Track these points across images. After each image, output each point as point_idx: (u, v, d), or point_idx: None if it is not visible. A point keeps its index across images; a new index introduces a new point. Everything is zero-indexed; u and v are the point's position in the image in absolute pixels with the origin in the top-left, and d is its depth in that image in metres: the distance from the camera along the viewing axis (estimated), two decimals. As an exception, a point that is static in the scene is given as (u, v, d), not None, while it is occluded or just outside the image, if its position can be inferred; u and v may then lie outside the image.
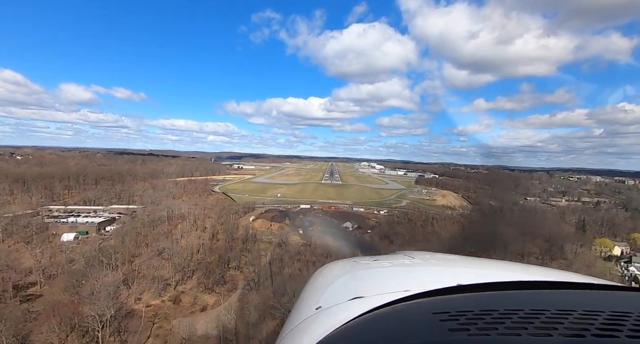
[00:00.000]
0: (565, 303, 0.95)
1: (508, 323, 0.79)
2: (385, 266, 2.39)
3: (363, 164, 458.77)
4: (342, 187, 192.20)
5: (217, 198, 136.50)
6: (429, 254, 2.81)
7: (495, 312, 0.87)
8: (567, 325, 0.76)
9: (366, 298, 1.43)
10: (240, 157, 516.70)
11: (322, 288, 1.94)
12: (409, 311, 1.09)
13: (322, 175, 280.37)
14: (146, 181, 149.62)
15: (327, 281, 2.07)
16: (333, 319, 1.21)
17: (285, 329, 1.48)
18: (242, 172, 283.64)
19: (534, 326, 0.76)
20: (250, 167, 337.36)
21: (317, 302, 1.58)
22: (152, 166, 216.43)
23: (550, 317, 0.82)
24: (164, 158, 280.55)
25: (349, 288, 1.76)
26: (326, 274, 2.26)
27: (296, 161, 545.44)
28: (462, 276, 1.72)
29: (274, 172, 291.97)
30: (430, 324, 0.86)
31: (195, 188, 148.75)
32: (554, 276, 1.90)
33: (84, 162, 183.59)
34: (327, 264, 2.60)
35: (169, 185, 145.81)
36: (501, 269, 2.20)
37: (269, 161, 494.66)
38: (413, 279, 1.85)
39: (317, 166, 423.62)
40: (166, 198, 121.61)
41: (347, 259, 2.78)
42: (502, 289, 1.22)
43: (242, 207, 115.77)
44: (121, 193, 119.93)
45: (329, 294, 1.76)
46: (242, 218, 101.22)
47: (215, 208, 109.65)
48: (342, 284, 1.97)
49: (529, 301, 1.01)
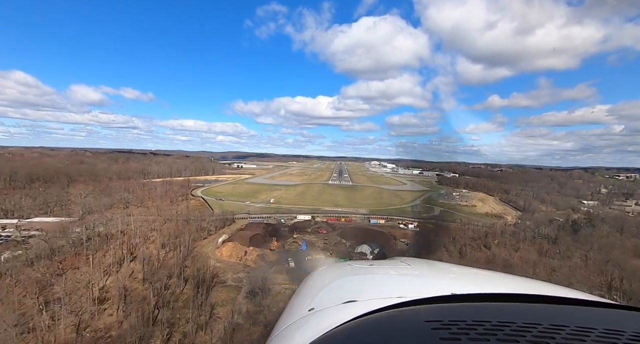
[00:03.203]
0: (558, 318, 0.93)
1: (500, 335, 0.77)
2: (380, 271, 2.36)
3: (374, 163, 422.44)
4: (353, 189, 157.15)
5: (192, 205, 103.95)
6: (426, 262, 2.80)
7: (488, 323, 0.85)
8: (559, 341, 0.74)
9: (359, 302, 1.40)
10: (245, 157, 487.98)
11: (316, 290, 1.91)
12: (401, 317, 1.07)
13: (330, 175, 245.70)
14: (112, 182, 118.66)
15: (321, 283, 2.06)
16: (325, 322, 1.19)
17: (277, 330, 1.45)
18: (241, 171, 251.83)
19: (526, 340, 0.75)
20: (252, 167, 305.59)
21: (310, 304, 1.55)
22: (134, 164, 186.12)
23: (543, 331, 0.80)
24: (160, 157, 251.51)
25: (342, 291, 1.73)
26: (320, 277, 2.23)
27: (303, 160, 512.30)
28: (456, 286, 1.68)
29: (276, 172, 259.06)
30: (422, 332, 0.85)
31: (170, 191, 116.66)
32: (548, 290, 1.85)
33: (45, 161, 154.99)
34: (322, 266, 2.52)
35: (137, 187, 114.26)
36: (496, 280, 2.18)
37: (275, 160, 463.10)
38: (407, 286, 1.81)
39: (324, 165, 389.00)
40: (116, 206, 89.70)
41: (342, 262, 2.75)
42: (496, 300, 1.19)
43: (217, 218, 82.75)
44: (60, 199, 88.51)
45: (323, 296, 1.73)
46: (208, 239, 68.10)
47: (177, 222, 76.93)
48: (336, 287, 1.93)
49: (522, 314, 1.00)
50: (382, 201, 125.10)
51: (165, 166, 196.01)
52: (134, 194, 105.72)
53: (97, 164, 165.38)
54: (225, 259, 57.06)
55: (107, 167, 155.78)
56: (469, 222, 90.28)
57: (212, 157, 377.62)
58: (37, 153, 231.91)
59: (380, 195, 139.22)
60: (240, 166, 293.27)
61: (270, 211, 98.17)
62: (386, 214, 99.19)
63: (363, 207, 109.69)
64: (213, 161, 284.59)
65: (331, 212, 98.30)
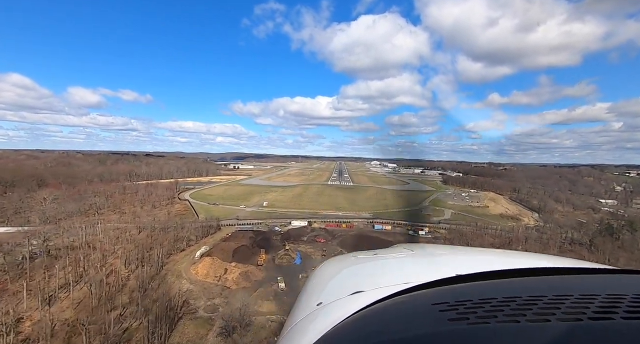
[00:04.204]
0: (561, 288, 0.94)
1: (507, 310, 0.78)
2: (385, 259, 2.39)
3: (374, 163, 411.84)
4: (353, 190, 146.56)
5: (176, 210, 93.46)
6: (428, 246, 2.82)
7: (494, 300, 0.86)
8: (564, 310, 0.75)
9: (366, 292, 1.41)
10: (244, 158, 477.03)
11: (323, 284, 1.93)
12: (408, 303, 1.08)
13: (329, 175, 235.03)
14: (91, 185, 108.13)
15: (328, 277, 2.08)
16: (334, 315, 1.20)
17: (287, 327, 1.45)
18: (237, 172, 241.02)
19: (532, 312, 0.76)
20: (249, 167, 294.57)
21: (318, 298, 1.56)
22: (123, 166, 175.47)
23: (548, 303, 0.81)
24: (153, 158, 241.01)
25: (349, 283, 1.74)
26: (327, 271, 2.25)
27: (302, 161, 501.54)
28: (460, 266, 1.70)
29: (274, 173, 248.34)
30: (430, 315, 0.85)
31: (154, 195, 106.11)
32: (550, 262, 1.87)
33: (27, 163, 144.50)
34: (328, 260, 2.54)
35: (117, 191, 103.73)
36: (498, 257, 2.22)
37: (273, 161, 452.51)
38: (412, 271, 1.83)
39: (324, 165, 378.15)
40: (88, 212, 79.18)
41: (347, 254, 2.75)
42: (500, 277, 1.21)
43: (201, 225, 72.32)
44: (20, 206, 77.93)
45: (330, 290, 1.75)
46: (186, 251, 57.55)
47: (153, 230, 66.41)
48: (342, 279, 1.96)
49: (526, 288, 1.01)
50: (386, 202, 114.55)
51: (156, 168, 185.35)
52: (112, 198, 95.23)
53: (82, 166, 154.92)
54: (200, 279, 46.49)
55: (91, 169, 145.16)
56: (485, 226, 79.84)
57: (208, 157, 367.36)
58: (25, 155, 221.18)
59: (383, 196, 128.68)
60: (236, 166, 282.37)
61: (262, 215, 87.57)
62: (392, 218, 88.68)
63: (365, 210, 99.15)
64: (209, 162, 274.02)
65: (330, 217, 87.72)
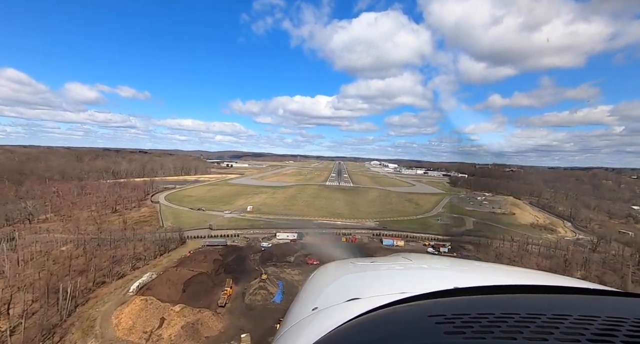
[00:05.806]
0: (561, 307, 0.92)
1: (504, 327, 0.76)
2: (383, 268, 2.35)
3: (374, 163, 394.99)
4: (354, 192, 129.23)
5: (139, 215, 76.16)
6: (427, 256, 2.77)
7: (491, 315, 0.84)
8: (563, 330, 0.73)
9: (363, 300, 1.38)
10: (241, 156, 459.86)
11: (319, 289, 1.91)
12: (404, 313, 1.06)
13: (328, 175, 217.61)
14: (42, 184, 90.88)
15: (325, 282, 2.06)
16: (329, 320, 1.17)
17: (282, 330, 1.43)
18: (229, 171, 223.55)
19: (530, 330, 0.74)
20: (243, 166, 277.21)
21: (314, 303, 1.53)
22: (99, 163, 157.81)
23: (546, 321, 0.79)
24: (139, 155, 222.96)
25: (345, 289, 1.72)
26: (324, 275, 2.21)
27: (300, 160, 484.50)
28: (458, 279, 1.68)
29: (269, 172, 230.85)
30: (426, 327, 0.84)
31: (120, 196, 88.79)
32: (550, 280, 1.83)
33: None
34: (325, 265, 2.49)
35: (72, 191, 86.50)
36: (498, 272, 2.18)
37: (271, 160, 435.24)
38: (410, 281, 1.80)
39: (322, 165, 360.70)
40: (15, 219, 61.82)
41: (345, 260, 2.69)
42: (499, 292, 1.18)
43: (160, 238, 55.32)
44: None
45: (326, 295, 1.72)
46: (122, 281, 40.30)
47: (94, 246, 49.17)
48: (339, 285, 1.93)
49: (524, 305, 0.98)
50: (392, 207, 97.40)
51: (138, 165, 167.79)
52: (63, 200, 77.97)
53: (51, 162, 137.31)
54: (119, 336, 29.37)
55: (57, 165, 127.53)
56: (524, 241, 62.90)
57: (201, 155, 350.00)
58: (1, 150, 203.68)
59: (388, 200, 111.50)
60: (230, 165, 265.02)
61: (242, 224, 70.21)
62: (402, 227, 71.68)
63: (369, 217, 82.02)
64: (201, 160, 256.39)
65: (327, 226, 70.58)
